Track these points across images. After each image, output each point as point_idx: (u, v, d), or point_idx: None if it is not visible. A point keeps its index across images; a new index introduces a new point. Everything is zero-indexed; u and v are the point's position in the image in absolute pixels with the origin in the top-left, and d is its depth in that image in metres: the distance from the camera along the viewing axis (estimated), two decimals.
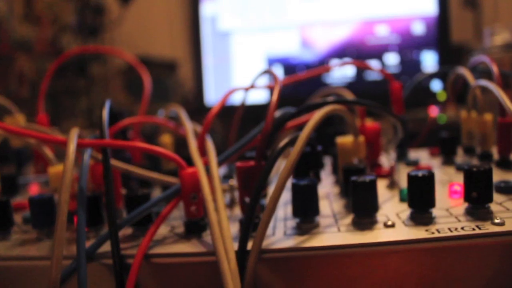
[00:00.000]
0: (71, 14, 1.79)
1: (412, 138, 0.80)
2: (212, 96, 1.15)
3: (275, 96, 0.36)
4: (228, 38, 1.15)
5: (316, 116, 0.35)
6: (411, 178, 0.33)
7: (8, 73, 1.56)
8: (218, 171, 0.35)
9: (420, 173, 0.33)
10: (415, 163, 0.51)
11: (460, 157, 0.54)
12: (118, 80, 1.82)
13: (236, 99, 0.53)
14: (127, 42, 1.89)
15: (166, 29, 1.83)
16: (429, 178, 0.33)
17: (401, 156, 0.54)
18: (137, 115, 0.56)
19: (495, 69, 0.49)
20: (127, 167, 0.39)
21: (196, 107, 1.22)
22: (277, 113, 0.42)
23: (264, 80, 0.47)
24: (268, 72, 0.43)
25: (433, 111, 0.97)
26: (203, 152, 0.39)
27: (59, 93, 1.68)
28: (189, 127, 0.42)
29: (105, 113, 0.37)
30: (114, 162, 0.38)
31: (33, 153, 0.62)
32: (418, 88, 0.96)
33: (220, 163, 0.38)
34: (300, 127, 0.39)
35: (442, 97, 1.07)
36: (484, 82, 0.46)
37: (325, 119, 0.36)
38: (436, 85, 1.07)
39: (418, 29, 1.11)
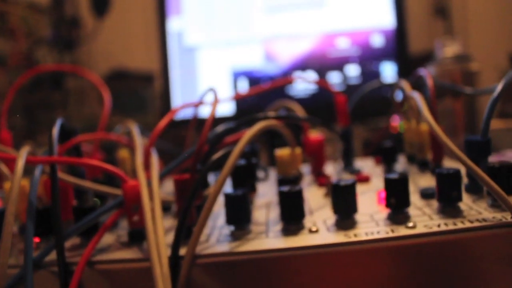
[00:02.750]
0: (46, 28, 1.80)
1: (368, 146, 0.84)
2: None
3: (211, 114, 0.39)
4: (194, 52, 1.18)
5: (249, 132, 0.37)
6: (333, 187, 0.36)
7: None
8: (158, 184, 0.38)
9: (342, 183, 0.36)
10: (357, 172, 0.54)
11: (402, 164, 0.57)
12: (94, 93, 1.83)
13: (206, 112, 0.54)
14: (103, 54, 1.91)
15: (142, 41, 1.85)
16: (350, 187, 0.36)
17: (347, 165, 0.57)
18: (96, 131, 0.58)
19: (429, 82, 0.52)
20: (76, 181, 0.41)
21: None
22: (220, 128, 0.45)
23: (211, 97, 0.49)
24: (211, 90, 0.45)
25: (395, 120, 1.00)
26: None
27: (34, 107, 1.68)
28: (138, 143, 0.45)
29: (55, 131, 0.39)
30: (65, 176, 0.41)
31: None
32: (379, 98, 1.00)
33: (161, 177, 0.40)
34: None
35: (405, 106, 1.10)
36: (413, 94, 0.49)
37: (263, 133, 0.39)
38: (396, 95, 1.11)
39: (377, 41, 1.15)
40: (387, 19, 1.15)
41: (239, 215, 0.36)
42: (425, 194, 0.41)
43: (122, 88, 1.72)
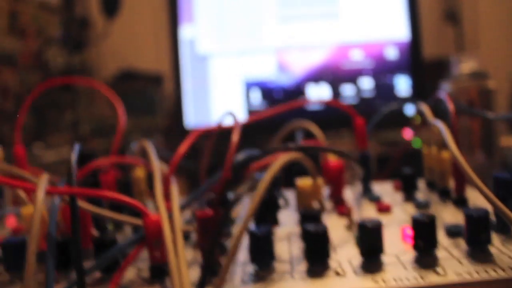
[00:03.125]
0: (56, 27, 1.80)
1: (384, 162, 0.83)
2: (192, 118, 1.17)
3: (235, 139, 0.38)
4: (206, 61, 1.18)
5: (274, 167, 0.37)
6: (360, 228, 0.35)
7: None
8: (180, 217, 0.37)
9: (369, 224, 0.35)
10: (377, 199, 0.53)
11: (421, 191, 0.56)
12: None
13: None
14: (113, 55, 1.91)
15: (152, 42, 1.85)
16: (377, 229, 0.35)
17: (366, 191, 0.56)
18: (110, 152, 0.57)
19: (450, 107, 0.51)
20: (96, 210, 0.41)
21: (176, 128, 1.24)
22: (241, 155, 0.44)
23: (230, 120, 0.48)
24: (230, 114, 0.44)
25: (408, 134, 0.99)
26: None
27: (44, 107, 1.68)
28: (157, 169, 0.44)
29: (74, 160, 0.38)
30: (84, 204, 0.40)
31: None
32: (391, 111, 0.99)
33: (182, 208, 0.39)
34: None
35: (418, 119, 1.09)
36: (437, 123, 0.48)
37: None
38: (410, 108, 1.10)
39: (391, 54, 1.14)
40: (401, 31, 1.14)
41: (264, 254, 0.36)
42: (452, 232, 0.40)
43: (131, 89, 1.72)
